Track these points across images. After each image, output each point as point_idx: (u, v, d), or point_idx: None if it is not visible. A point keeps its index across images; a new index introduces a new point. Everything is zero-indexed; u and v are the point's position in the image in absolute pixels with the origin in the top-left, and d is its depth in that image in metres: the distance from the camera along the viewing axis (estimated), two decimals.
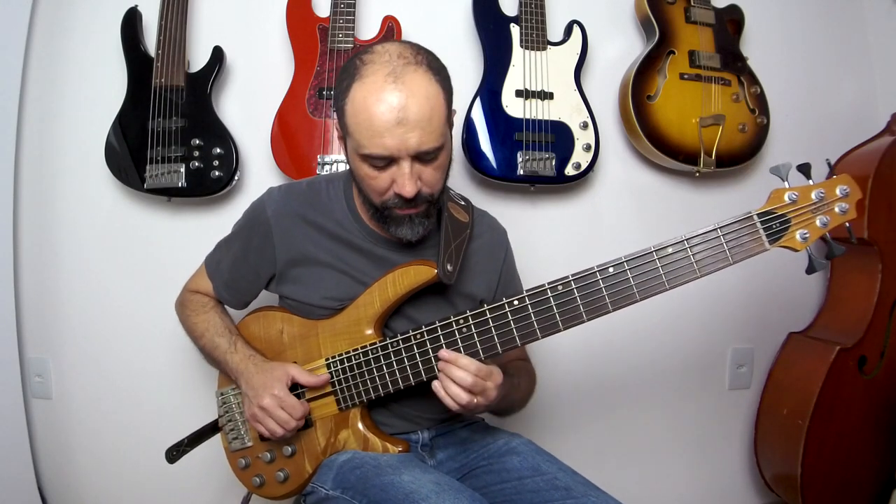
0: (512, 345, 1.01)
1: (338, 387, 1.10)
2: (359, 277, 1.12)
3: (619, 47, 1.75)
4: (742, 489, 1.88)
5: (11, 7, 1.60)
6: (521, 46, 1.60)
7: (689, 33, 1.66)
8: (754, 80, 1.69)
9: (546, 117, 1.58)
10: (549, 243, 1.72)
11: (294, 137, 1.54)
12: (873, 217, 1.56)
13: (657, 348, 1.79)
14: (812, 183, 0.96)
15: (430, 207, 1.06)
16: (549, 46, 1.62)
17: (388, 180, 1.00)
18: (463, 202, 1.21)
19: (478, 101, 1.58)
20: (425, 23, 1.67)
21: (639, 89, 1.62)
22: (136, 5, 1.59)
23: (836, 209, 0.95)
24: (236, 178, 1.57)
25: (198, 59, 1.61)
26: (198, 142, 1.52)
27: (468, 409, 0.99)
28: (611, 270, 0.97)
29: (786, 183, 0.96)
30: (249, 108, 1.65)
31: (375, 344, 1.07)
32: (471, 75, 1.64)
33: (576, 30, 1.64)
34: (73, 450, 1.71)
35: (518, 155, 1.57)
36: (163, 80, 1.53)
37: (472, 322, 1.02)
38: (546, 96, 1.59)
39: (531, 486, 1.04)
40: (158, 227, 1.66)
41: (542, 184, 1.61)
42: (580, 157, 1.59)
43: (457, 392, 0.97)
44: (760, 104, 1.69)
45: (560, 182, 1.60)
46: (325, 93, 1.54)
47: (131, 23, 1.58)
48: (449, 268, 1.07)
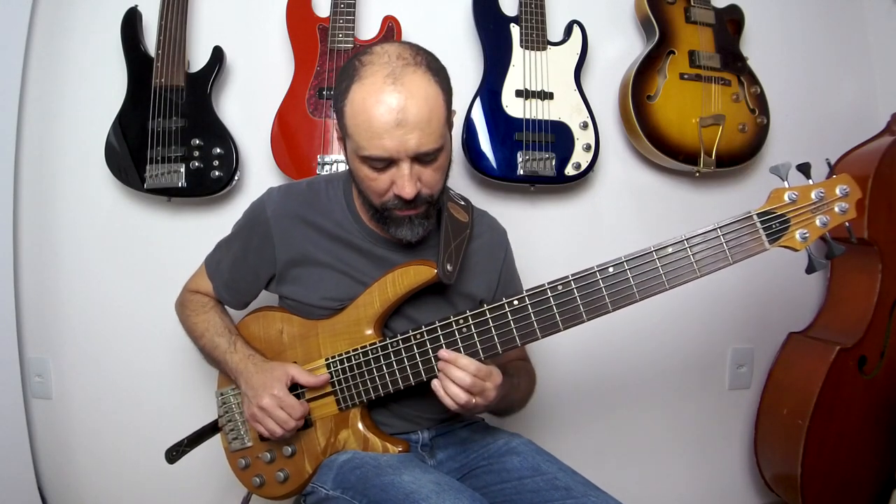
0: (512, 345, 1.01)
1: (338, 387, 1.10)
2: (358, 278, 1.12)
3: (619, 47, 1.75)
4: (742, 489, 1.88)
5: (11, 7, 1.60)
6: (521, 46, 1.60)
7: (689, 33, 1.66)
8: (754, 80, 1.69)
9: (546, 117, 1.58)
10: (549, 243, 1.72)
11: (294, 137, 1.54)
12: (873, 217, 1.56)
13: (657, 348, 1.79)
14: (812, 183, 0.96)
15: (429, 208, 1.06)
16: (549, 46, 1.62)
17: (387, 182, 1.00)
18: (463, 202, 1.21)
19: (478, 101, 1.58)
20: (425, 23, 1.67)
21: (639, 89, 1.62)
22: (136, 5, 1.59)
23: (836, 209, 0.95)
24: (236, 178, 1.57)
25: (198, 59, 1.61)
26: (198, 142, 1.52)
27: (467, 409, 0.99)
28: (611, 270, 0.97)
29: (785, 183, 0.96)
30: (249, 108, 1.65)
31: (375, 344, 1.07)
32: (471, 75, 1.64)
33: (576, 30, 1.64)
34: (73, 450, 1.71)
35: (518, 155, 1.57)
36: (163, 80, 1.53)
37: (471, 322, 1.02)
38: (546, 96, 1.59)
39: (531, 486, 1.04)
40: (158, 227, 1.66)
41: (542, 184, 1.61)
42: (580, 157, 1.59)
43: (456, 392, 0.97)
44: (760, 104, 1.69)
45: (560, 182, 1.60)
46: (325, 93, 1.54)
47: (131, 23, 1.58)
48: (449, 268, 1.07)
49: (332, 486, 1.05)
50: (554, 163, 1.57)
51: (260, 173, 1.64)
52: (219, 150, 1.53)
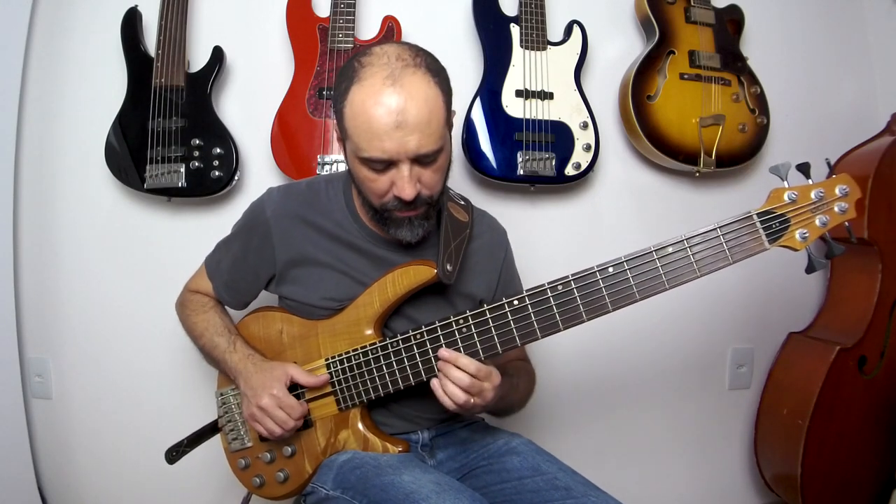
0: (512, 345, 1.01)
1: (338, 387, 1.10)
2: (358, 278, 1.12)
3: (619, 47, 1.75)
4: (742, 489, 1.88)
5: (11, 7, 1.60)
6: (521, 46, 1.60)
7: (689, 33, 1.66)
8: (754, 80, 1.69)
9: (546, 117, 1.58)
10: (549, 243, 1.72)
11: (294, 137, 1.54)
12: (873, 217, 1.56)
13: (657, 348, 1.79)
14: (811, 182, 0.96)
15: (429, 209, 1.06)
16: (549, 46, 1.62)
17: (387, 183, 1.00)
18: (462, 202, 1.21)
19: (478, 101, 1.58)
20: (425, 23, 1.67)
21: (639, 89, 1.62)
22: (136, 5, 1.59)
23: (836, 209, 0.95)
24: (236, 178, 1.57)
25: (198, 59, 1.61)
26: (198, 142, 1.52)
27: (465, 409, 0.99)
28: (611, 270, 0.97)
29: (785, 182, 0.96)
30: (249, 108, 1.65)
31: (375, 344, 1.07)
32: (471, 75, 1.64)
33: (576, 30, 1.64)
34: (73, 450, 1.71)
35: (518, 155, 1.57)
36: (163, 80, 1.53)
37: (471, 322, 1.01)
38: (546, 96, 1.59)
39: (531, 486, 1.04)
40: (158, 227, 1.66)
41: (542, 184, 1.61)
42: (580, 157, 1.59)
43: (454, 392, 0.97)
44: (760, 104, 1.69)
45: (560, 182, 1.60)
46: (325, 93, 1.54)
47: (131, 23, 1.58)
48: (448, 268, 1.07)
49: (332, 486, 1.05)
50: (554, 163, 1.57)
51: (260, 173, 1.64)
52: (219, 150, 1.53)
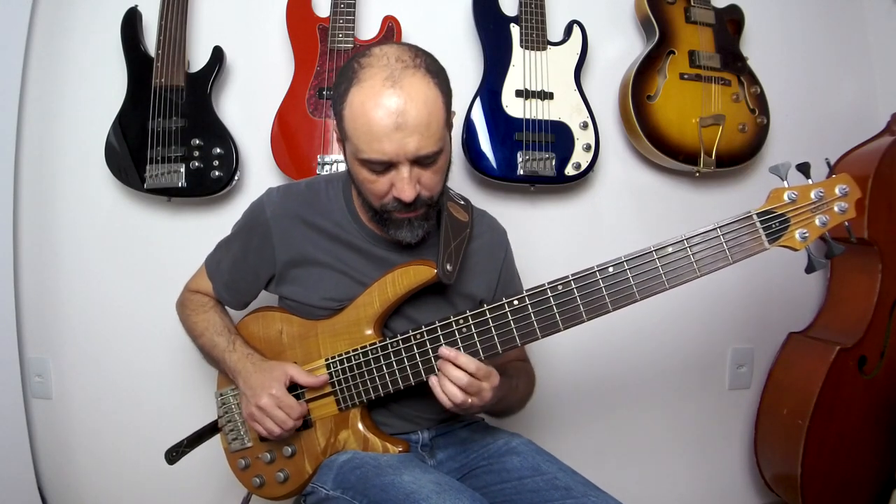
0: (512, 345, 1.01)
1: (337, 387, 1.10)
2: (358, 278, 1.12)
3: (619, 47, 1.75)
4: (742, 489, 1.88)
5: (11, 7, 1.60)
6: (521, 46, 1.60)
7: (689, 33, 1.66)
8: (754, 80, 1.69)
9: (546, 117, 1.58)
10: (549, 243, 1.72)
11: (294, 137, 1.54)
12: (873, 217, 1.56)
13: (657, 348, 1.79)
14: (811, 182, 0.96)
15: (429, 210, 1.06)
16: (549, 46, 1.62)
17: (386, 184, 1.00)
18: (462, 202, 1.21)
19: (478, 101, 1.58)
20: (425, 23, 1.67)
21: (639, 89, 1.62)
22: (136, 5, 1.59)
23: (836, 208, 0.95)
24: (236, 178, 1.57)
25: (198, 59, 1.61)
26: (198, 142, 1.52)
27: (462, 408, 0.99)
28: (611, 270, 0.97)
29: (785, 182, 0.96)
30: (249, 108, 1.65)
31: (375, 344, 1.07)
32: (471, 75, 1.64)
33: (576, 30, 1.64)
34: (73, 450, 1.71)
35: (518, 155, 1.57)
36: (163, 80, 1.53)
37: (471, 322, 1.01)
38: (546, 96, 1.59)
39: (531, 486, 1.04)
40: (158, 227, 1.66)
41: (542, 184, 1.61)
42: (580, 157, 1.59)
43: (452, 390, 0.97)
44: (760, 104, 1.69)
45: (560, 182, 1.60)
46: (325, 93, 1.54)
47: (131, 23, 1.58)
48: (448, 268, 1.07)
49: (333, 487, 1.05)
50: (554, 163, 1.57)
51: (260, 173, 1.64)
52: (219, 150, 1.53)
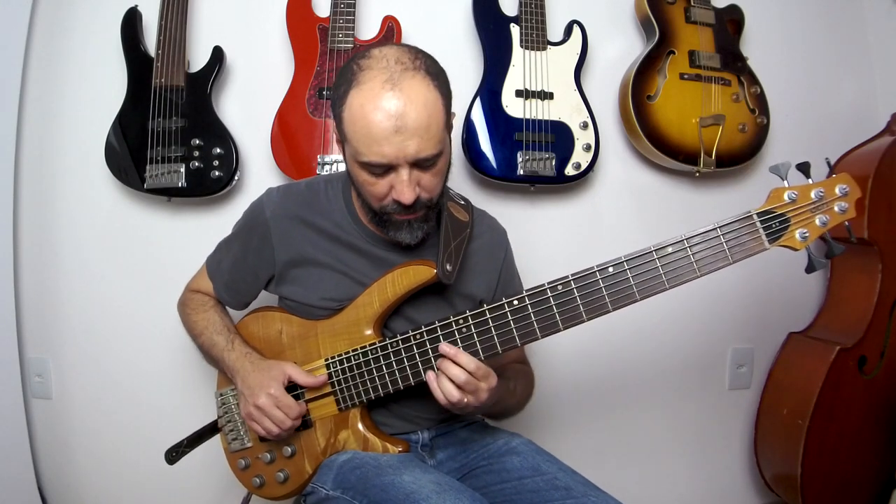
0: (512, 345, 1.00)
1: (337, 387, 1.10)
2: (358, 278, 1.12)
3: (619, 47, 1.75)
4: (742, 489, 1.88)
5: (11, 7, 1.60)
6: (521, 46, 1.60)
7: (689, 33, 1.66)
8: (754, 80, 1.69)
9: (546, 117, 1.58)
10: (549, 243, 1.72)
11: (294, 137, 1.54)
12: (873, 217, 1.56)
13: (657, 348, 1.79)
14: (811, 182, 0.96)
15: (428, 212, 1.06)
16: (549, 46, 1.62)
17: (386, 186, 1.00)
18: (463, 202, 1.21)
19: (478, 101, 1.58)
20: (425, 23, 1.67)
21: (639, 89, 1.62)
22: (136, 5, 1.59)
23: (836, 208, 0.95)
24: (236, 178, 1.57)
25: (198, 59, 1.61)
26: (198, 142, 1.52)
27: (458, 407, 0.99)
28: (611, 270, 0.97)
29: (785, 182, 0.96)
30: (249, 108, 1.65)
31: (375, 344, 1.07)
32: (471, 75, 1.64)
33: (576, 30, 1.64)
34: (73, 450, 1.71)
35: (518, 155, 1.57)
36: (163, 80, 1.53)
37: (471, 322, 1.01)
38: (546, 96, 1.59)
39: (531, 486, 1.04)
40: (158, 227, 1.66)
41: (542, 184, 1.61)
42: (580, 157, 1.59)
43: (449, 388, 0.97)
44: (760, 104, 1.69)
45: (560, 182, 1.60)
46: (325, 93, 1.54)
47: (131, 23, 1.58)
48: (448, 268, 1.07)
49: (333, 487, 1.05)
50: (554, 163, 1.57)
51: (260, 173, 1.64)
52: (219, 150, 1.53)
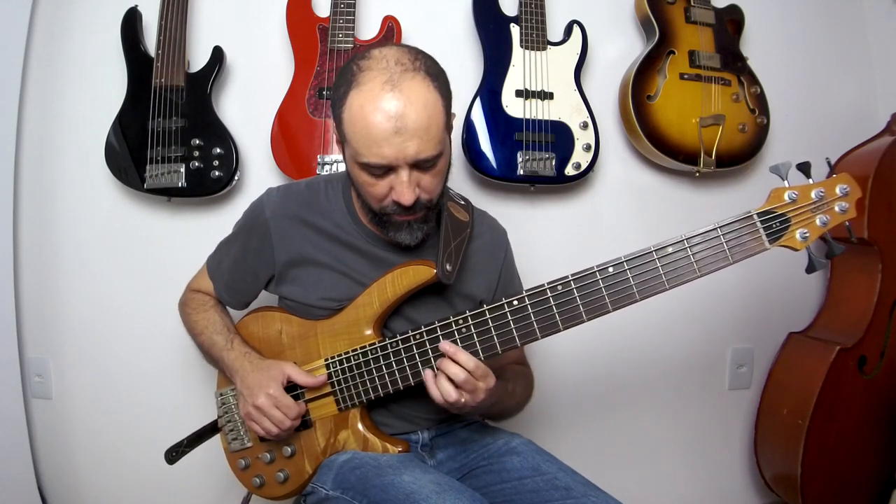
0: (511, 345, 1.00)
1: (337, 387, 1.10)
2: (358, 278, 1.12)
3: (619, 47, 1.75)
4: (742, 489, 1.88)
5: (11, 7, 1.60)
6: (521, 46, 1.60)
7: (689, 33, 1.66)
8: (754, 80, 1.69)
9: (546, 117, 1.58)
10: (549, 243, 1.72)
11: (294, 137, 1.54)
12: (873, 217, 1.56)
13: (657, 348, 1.79)
14: (812, 182, 0.95)
15: (428, 213, 1.06)
16: (549, 46, 1.62)
17: (386, 187, 1.00)
18: (463, 202, 1.21)
19: (478, 101, 1.58)
20: (425, 23, 1.67)
21: (639, 89, 1.62)
22: (136, 5, 1.59)
23: (836, 208, 0.95)
24: (236, 178, 1.57)
25: (198, 59, 1.60)
26: (198, 142, 1.52)
27: (455, 406, 0.99)
28: (610, 270, 0.97)
29: (786, 182, 0.96)
30: (249, 108, 1.65)
31: (375, 344, 1.07)
32: (471, 75, 1.64)
33: (576, 30, 1.64)
34: (73, 450, 1.71)
35: (518, 155, 1.57)
36: (163, 80, 1.53)
37: (471, 322, 1.01)
38: (546, 96, 1.59)
39: (531, 486, 1.04)
40: (158, 227, 1.66)
41: (542, 184, 1.61)
42: (580, 157, 1.59)
43: (446, 387, 0.97)
44: (760, 104, 1.69)
45: (560, 182, 1.60)
46: (325, 93, 1.54)
47: (131, 23, 1.58)
48: (448, 268, 1.07)
49: (332, 487, 1.05)
50: (554, 163, 1.57)
51: (260, 173, 1.64)
52: (219, 150, 1.53)
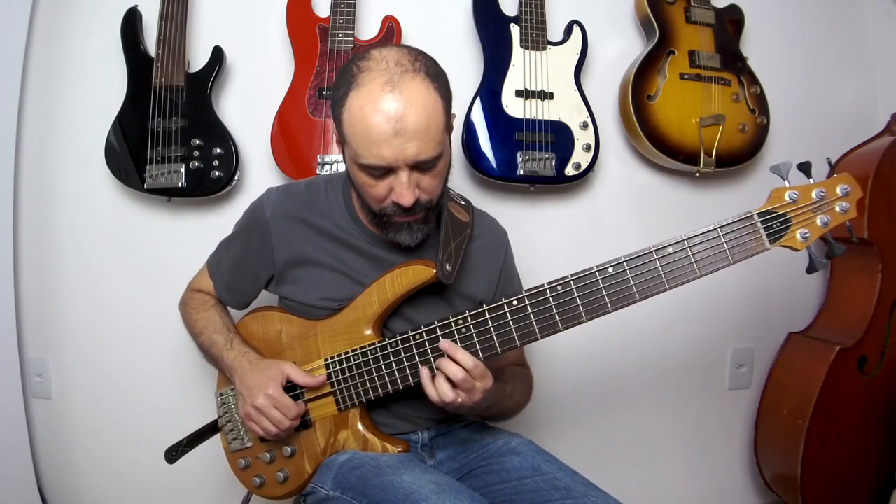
0: (511, 345, 1.00)
1: (337, 387, 1.10)
2: (357, 278, 1.12)
3: (619, 47, 1.75)
4: (742, 489, 1.88)
5: (11, 7, 1.60)
6: (521, 46, 1.60)
7: (689, 33, 1.66)
8: (754, 80, 1.69)
9: (546, 117, 1.58)
10: (549, 243, 1.72)
11: (294, 137, 1.54)
12: (873, 217, 1.56)
13: (657, 348, 1.79)
14: (812, 182, 0.95)
15: (428, 214, 1.06)
16: (549, 46, 1.62)
17: (386, 188, 1.00)
18: (463, 202, 1.21)
19: (478, 101, 1.58)
20: (425, 23, 1.67)
21: (639, 89, 1.62)
22: (136, 5, 1.59)
23: (837, 208, 0.95)
24: (236, 178, 1.57)
25: (198, 59, 1.60)
26: (198, 142, 1.52)
27: (452, 406, 0.99)
28: (610, 270, 0.97)
29: (786, 182, 0.96)
30: (249, 108, 1.65)
31: (374, 344, 1.07)
32: (471, 75, 1.64)
33: (576, 30, 1.64)
34: (73, 450, 1.71)
35: (518, 155, 1.57)
36: (163, 80, 1.53)
37: (471, 322, 1.01)
38: (546, 96, 1.59)
39: (531, 486, 1.04)
40: (158, 227, 1.66)
41: (542, 184, 1.61)
42: (580, 157, 1.59)
43: (443, 386, 0.97)
44: (760, 104, 1.69)
45: (560, 182, 1.60)
46: (325, 93, 1.54)
47: (131, 23, 1.58)
48: (448, 268, 1.07)
49: (332, 487, 1.05)
50: (554, 163, 1.57)
51: (260, 173, 1.64)
52: (219, 150, 1.53)
